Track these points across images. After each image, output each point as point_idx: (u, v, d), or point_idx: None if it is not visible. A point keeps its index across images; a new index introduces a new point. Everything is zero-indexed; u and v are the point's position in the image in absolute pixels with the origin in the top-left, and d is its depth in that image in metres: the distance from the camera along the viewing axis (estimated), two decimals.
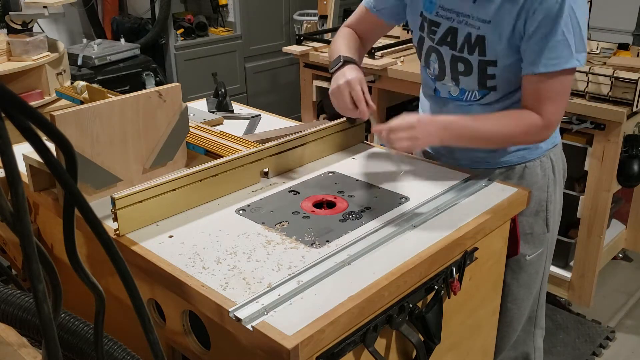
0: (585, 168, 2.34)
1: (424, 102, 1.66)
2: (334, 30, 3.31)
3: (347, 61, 1.45)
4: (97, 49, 3.40)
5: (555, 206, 1.59)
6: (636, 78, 2.16)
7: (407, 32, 3.07)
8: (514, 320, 1.68)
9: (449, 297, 1.25)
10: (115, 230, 1.21)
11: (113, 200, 1.17)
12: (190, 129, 1.56)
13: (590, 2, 2.44)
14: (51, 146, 0.52)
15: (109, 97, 1.50)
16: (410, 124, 1.31)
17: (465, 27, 1.39)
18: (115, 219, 1.19)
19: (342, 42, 1.57)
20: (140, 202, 1.22)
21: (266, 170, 1.47)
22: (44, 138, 0.49)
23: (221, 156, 1.44)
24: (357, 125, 1.68)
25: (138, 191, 1.21)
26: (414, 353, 1.18)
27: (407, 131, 1.31)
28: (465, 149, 1.52)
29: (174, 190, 1.28)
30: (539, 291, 1.69)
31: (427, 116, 1.44)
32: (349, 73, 1.41)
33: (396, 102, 3.01)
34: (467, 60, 1.42)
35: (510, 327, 1.68)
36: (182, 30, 3.93)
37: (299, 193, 1.40)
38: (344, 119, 1.62)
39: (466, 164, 1.55)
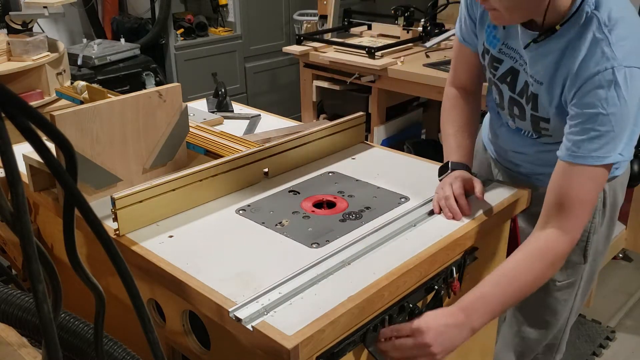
0: None
1: (492, 116, 1.56)
2: (334, 30, 3.31)
3: (454, 169, 1.36)
4: (97, 49, 3.40)
5: (599, 239, 1.47)
6: None
7: (407, 32, 3.08)
8: (532, 343, 1.61)
9: (449, 297, 1.25)
10: (115, 230, 1.21)
11: (113, 200, 1.17)
12: (190, 129, 1.56)
13: None
14: (51, 146, 0.52)
15: (109, 97, 1.50)
16: (422, 344, 1.05)
17: (525, 75, 1.31)
18: (115, 219, 1.19)
19: (451, 133, 1.44)
20: (140, 202, 1.22)
21: (266, 170, 1.47)
22: (44, 138, 0.49)
23: (221, 156, 1.44)
24: (358, 125, 1.68)
25: (138, 191, 1.21)
26: None
27: (420, 349, 1.06)
28: (530, 166, 1.47)
29: (174, 190, 1.28)
30: (566, 321, 1.59)
31: (435, 318, 1.09)
32: (453, 181, 1.32)
33: (396, 102, 3.01)
34: (522, 106, 1.35)
35: (525, 346, 1.61)
36: (182, 30, 3.93)
37: (299, 193, 1.40)
38: (344, 119, 1.63)
39: (525, 180, 1.49)
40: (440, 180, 1.37)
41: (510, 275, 1.16)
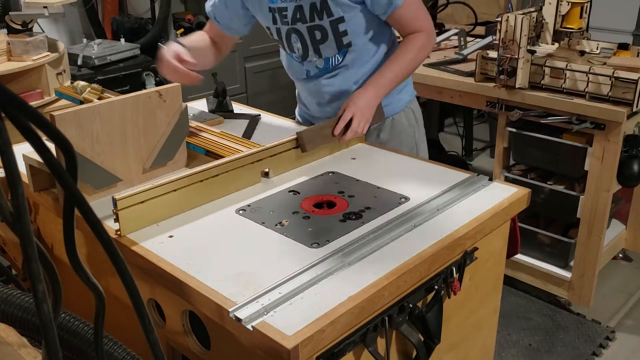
0: (585, 168, 2.34)
1: (299, 90, 1.89)
2: None
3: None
4: (97, 49, 3.40)
5: (423, 146, 1.88)
6: (636, 78, 2.16)
7: None
8: None
9: (449, 297, 1.25)
10: (117, 230, 1.20)
11: (115, 201, 1.17)
12: (190, 129, 1.56)
13: (590, 1, 2.44)
14: (51, 146, 0.52)
15: (109, 97, 1.50)
16: (353, 113, 1.56)
17: (308, 0, 1.58)
18: (116, 220, 1.19)
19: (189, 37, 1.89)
20: (142, 202, 1.22)
21: (266, 170, 1.47)
22: (44, 138, 0.49)
23: (221, 156, 1.44)
24: None
25: (140, 192, 1.21)
26: (414, 353, 1.18)
27: (356, 120, 1.56)
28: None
29: (175, 190, 1.28)
30: None
31: (357, 94, 1.60)
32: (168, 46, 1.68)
33: None
34: (320, 26, 1.62)
35: None
36: (182, 30, 3.93)
37: (299, 193, 1.40)
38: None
39: None
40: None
41: (396, 59, 1.65)
